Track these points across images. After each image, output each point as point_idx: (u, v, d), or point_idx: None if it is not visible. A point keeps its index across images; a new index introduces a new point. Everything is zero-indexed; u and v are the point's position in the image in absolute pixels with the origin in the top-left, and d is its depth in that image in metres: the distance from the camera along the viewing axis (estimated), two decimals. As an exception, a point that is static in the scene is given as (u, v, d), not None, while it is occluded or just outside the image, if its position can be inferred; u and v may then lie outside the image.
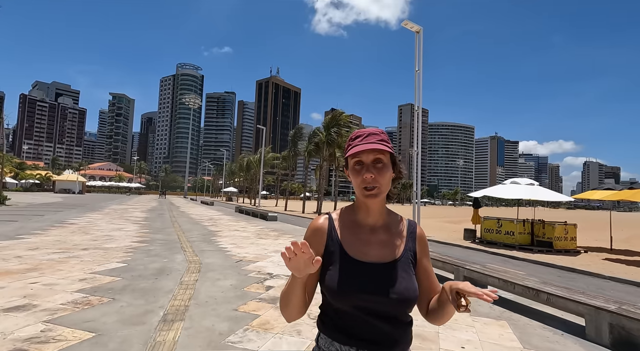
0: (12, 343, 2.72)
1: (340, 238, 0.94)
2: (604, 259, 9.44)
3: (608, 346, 3.12)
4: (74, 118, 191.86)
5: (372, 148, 0.89)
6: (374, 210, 0.95)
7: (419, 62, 15.46)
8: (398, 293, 0.87)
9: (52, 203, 24.98)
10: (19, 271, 4.96)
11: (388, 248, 0.94)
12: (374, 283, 0.87)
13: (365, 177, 0.89)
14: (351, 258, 0.90)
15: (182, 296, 4.19)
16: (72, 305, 3.65)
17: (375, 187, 0.90)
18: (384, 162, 0.91)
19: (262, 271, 5.73)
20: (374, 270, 0.89)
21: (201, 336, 3.05)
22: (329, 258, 0.92)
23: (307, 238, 0.97)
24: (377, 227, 0.96)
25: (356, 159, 0.92)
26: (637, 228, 25.84)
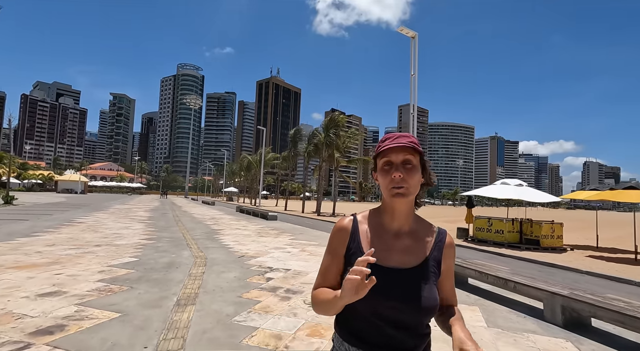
0: (53, 320, 3.23)
1: (362, 241, 0.93)
2: (587, 256, 9.93)
3: (560, 325, 3.62)
4: (75, 118, 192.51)
5: (402, 147, 0.88)
6: (401, 213, 0.92)
7: (414, 67, 15.96)
8: (415, 301, 0.85)
9: (57, 203, 25.50)
10: (43, 265, 5.47)
11: (411, 255, 0.91)
12: (390, 289, 0.85)
13: (394, 176, 0.87)
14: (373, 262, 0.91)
15: (192, 285, 4.70)
16: (97, 292, 4.17)
17: (403, 187, 0.87)
18: (413, 163, 0.89)
19: (262, 266, 6.24)
20: (393, 275, 0.87)
21: (211, 316, 3.55)
22: (349, 259, 0.91)
23: (331, 237, 0.98)
24: (402, 232, 0.94)
25: (385, 159, 0.90)
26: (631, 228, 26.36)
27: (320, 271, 0.98)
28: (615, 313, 3.19)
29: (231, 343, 2.93)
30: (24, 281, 4.49)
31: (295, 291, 4.64)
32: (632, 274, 7.18)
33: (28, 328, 3.01)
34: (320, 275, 0.97)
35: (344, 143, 27.11)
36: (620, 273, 7.30)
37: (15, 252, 6.35)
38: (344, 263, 0.94)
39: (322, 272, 0.97)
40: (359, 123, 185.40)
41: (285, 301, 4.19)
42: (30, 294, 3.97)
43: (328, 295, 0.87)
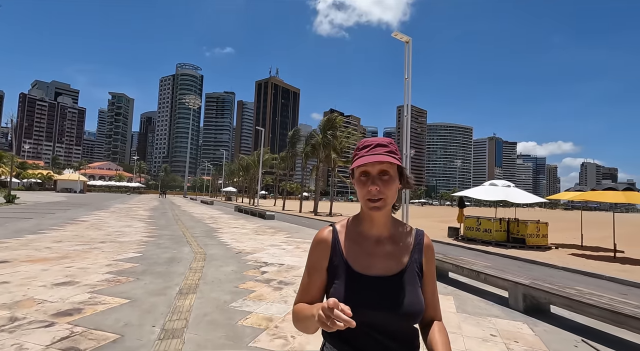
0: (70, 304, 3.65)
1: (344, 251, 0.92)
2: (570, 254, 10.39)
3: (522, 311, 4.07)
4: (74, 117, 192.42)
5: (379, 161, 0.87)
6: (379, 221, 0.93)
7: (409, 70, 16.40)
8: (403, 308, 0.85)
9: (58, 202, 25.84)
10: (54, 259, 5.88)
11: (393, 260, 0.91)
12: (378, 298, 0.85)
13: (370, 189, 0.87)
14: (355, 272, 0.88)
15: (193, 277, 5.12)
16: (106, 282, 4.59)
17: (380, 199, 0.87)
18: (390, 174, 0.88)
19: (258, 261, 6.66)
20: (378, 283, 0.88)
21: (210, 303, 3.98)
22: (333, 271, 0.91)
23: (311, 250, 0.96)
24: (382, 238, 0.94)
25: (362, 170, 0.89)
26: (620, 228, 26.89)
27: (301, 285, 0.96)
28: (565, 299, 3.64)
29: (228, 324, 3.36)
30: (39, 273, 4.91)
31: (287, 282, 5.07)
32: (605, 270, 7.64)
33: (49, 311, 3.43)
34: (302, 290, 0.95)
35: (341, 143, 27.55)
36: (594, 269, 7.76)
37: (26, 248, 6.76)
38: (326, 275, 0.92)
39: (304, 287, 0.95)
40: (357, 123, 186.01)
41: (278, 291, 4.62)
42: (47, 283, 4.39)
43: (306, 313, 0.85)
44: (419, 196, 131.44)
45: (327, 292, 0.92)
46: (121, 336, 2.94)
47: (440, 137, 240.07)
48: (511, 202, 12.08)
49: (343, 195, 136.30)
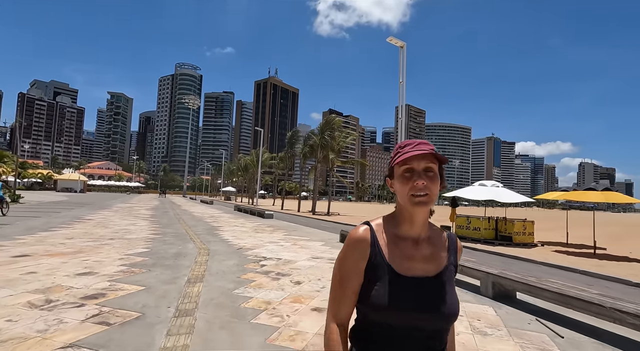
0: (94, 290, 4.18)
1: (384, 252, 0.89)
2: (553, 251, 10.96)
3: (491, 297, 4.61)
4: (72, 117, 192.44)
5: (425, 154, 0.86)
6: (419, 221, 0.90)
7: (403, 74, 16.94)
8: (445, 310, 0.85)
9: (60, 201, 26.30)
10: (70, 253, 6.40)
11: (432, 262, 0.91)
12: (423, 300, 0.84)
13: (417, 183, 0.85)
14: (397, 273, 0.87)
15: (198, 269, 5.65)
16: (122, 273, 5.11)
17: (426, 194, 0.85)
18: (434, 171, 0.87)
19: (258, 255, 7.20)
20: (421, 285, 0.86)
21: (216, 290, 4.51)
22: (373, 273, 0.88)
23: (347, 250, 0.92)
24: (420, 239, 0.92)
25: (406, 166, 0.87)
26: (612, 227, 27.54)
27: (337, 287, 0.92)
28: (525, 285, 4.19)
29: (232, 306, 3.89)
30: (60, 265, 5.43)
31: (284, 274, 5.61)
32: (581, 265, 8.21)
33: (78, 295, 3.96)
34: (339, 294, 0.91)
35: (339, 144, 28.10)
36: (572, 264, 8.32)
37: (42, 244, 7.28)
38: (367, 275, 0.89)
39: (341, 290, 0.90)
40: (356, 123, 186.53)
41: (275, 280, 5.16)
42: (70, 273, 4.91)
43: None
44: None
45: (367, 294, 0.87)
46: (142, 314, 3.48)
47: (438, 137, 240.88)
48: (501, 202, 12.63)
49: (342, 195, 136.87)
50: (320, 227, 15.90)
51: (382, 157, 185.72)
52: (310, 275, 5.63)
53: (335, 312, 0.91)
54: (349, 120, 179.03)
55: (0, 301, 3.64)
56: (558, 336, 3.36)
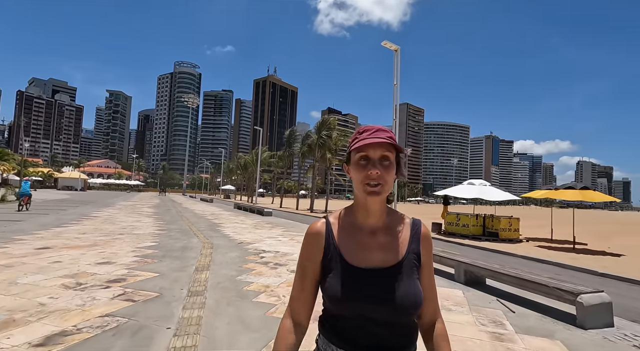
0: (115, 276, 4.80)
1: (338, 244, 0.89)
2: (536, 246, 11.61)
3: (463, 283, 5.25)
4: (71, 115, 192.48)
5: (381, 143, 0.84)
6: (374, 210, 0.88)
7: (397, 77, 17.54)
8: (400, 301, 0.82)
9: (64, 199, 26.87)
10: (86, 246, 7.02)
11: (389, 252, 0.88)
12: (375, 291, 0.83)
13: (371, 172, 0.83)
14: (350, 265, 0.86)
15: (204, 260, 6.28)
16: (136, 263, 5.73)
17: (379, 184, 0.83)
18: (390, 160, 0.85)
19: (257, 249, 7.82)
20: (374, 276, 0.84)
21: (221, 276, 5.14)
22: (328, 265, 0.88)
23: (304, 245, 0.93)
24: (377, 228, 0.90)
25: (362, 154, 0.85)
26: (600, 225, 28.29)
27: (295, 280, 0.94)
28: (490, 271, 4.83)
29: (236, 289, 4.52)
30: (80, 256, 6.05)
31: (282, 264, 6.24)
32: (558, 258, 8.86)
33: (102, 279, 4.59)
34: (297, 285, 0.93)
35: (336, 143, 28.70)
36: (549, 257, 8.97)
37: (59, 238, 7.89)
38: (323, 268, 0.89)
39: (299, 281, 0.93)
40: (355, 122, 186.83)
41: (274, 269, 5.79)
42: (91, 263, 5.53)
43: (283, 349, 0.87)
44: (415, 194, 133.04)
45: (322, 286, 0.89)
46: (160, 294, 4.10)
47: (437, 136, 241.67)
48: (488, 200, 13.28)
49: (341, 193, 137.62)
50: (317, 224, 16.53)
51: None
52: (305, 265, 6.26)
53: (290, 308, 0.92)
54: (347, 119, 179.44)
55: (39, 283, 4.26)
56: (510, 312, 4.00)
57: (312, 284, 0.92)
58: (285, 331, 0.90)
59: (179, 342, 2.83)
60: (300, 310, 0.92)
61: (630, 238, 16.44)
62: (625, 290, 6.15)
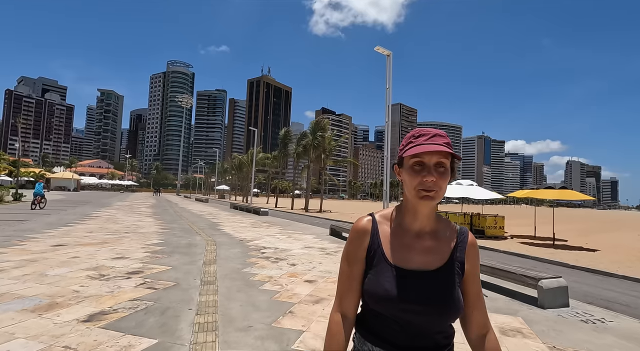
0: (133, 268, 5.31)
1: (383, 243, 0.90)
2: (519, 242, 12.33)
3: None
4: (62, 114, 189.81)
5: (439, 151, 0.83)
6: (423, 214, 0.89)
7: (389, 81, 18.18)
8: (440, 305, 0.83)
9: (60, 200, 26.96)
10: (97, 243, 7.48)
11: (433, 255, 0.88)
12: (414, 292, 0.83)
13: (427, 179, 0.83)
14: (391, 264, 0.87)
15: (210, 255, 6.80)
16: (149, 258, 6.23)
17: (433, 191, 0.83)
18: (446, 167, 0.85)
19: (258, 246, 8.36)
20: (415, 277, 0.85)
21: (228, 268, 5.67)
22: (370, 262, 0.89)
23: (349, 241, 0.94)
24: (423, 232, 0.90)
25: (417, 159, 0.85)
26: (588, 223, 29.38)
27: (341, 275, 0.94)
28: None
29: (243, 278, 5.06)
30: (95, 252, 6.52)
31: (282, 259, 6.79)
32: (537, 253, 9.55)
33: (122, 271, 5.09)
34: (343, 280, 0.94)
35: (329, 144, 29.31)
36: (529, 252, 9.66)
37: (69, 236, 8.32)
38: (365, 266, 0.90)
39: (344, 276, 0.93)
40: (348, 122, 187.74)
41: (275, 263, 6.34)
42: (107, 258, 6.02)
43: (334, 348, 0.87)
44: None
45: (363, 282, 0.89)
46: (177, 283, 4.63)
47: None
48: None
49: (334, 193, 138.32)
50: (313, 223, 17.10)
51: (374, 155, 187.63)
52: (303, 259, 6.83)
53: (339, 302, 0.92)
54: (341, 119, 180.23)
55: (66, 275, 4.75)
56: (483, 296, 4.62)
57: (358, 279, 0.91)
58: (335, 324, 0.91)
59: (202, 319, 3.37)
60: (348, 304, 0.91)
61: (608, 235, 17.34)
62: (589, 278, 6.85)
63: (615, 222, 34.90)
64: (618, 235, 18.06)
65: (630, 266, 8.12)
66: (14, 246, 6.72)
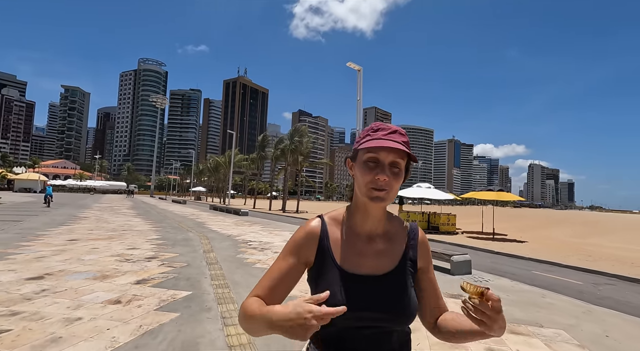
0: (148, 255, 6.67)
1: (332, 247, 0.86)
2: (467, 237, 14.54)
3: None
4: (21, 111, 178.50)
5: (396, 148, 0.79)
6: (374, 215, 0.86)
7: (360, 93, 20.10)
8: (394, 309, 0.81)
9: (33, 202, 26.68)
10: (105, 239, 8.65)
11: (385, 258, 0.86)
12: (367, 298, 0.80)
13: (379, 177, 0.79)
14: (343, 270, 0.83)
15: (207, 246, 8.21)
16: (156, 248, 7.57)
17: (384, 190, 0.79)
18: (400, 167, 0.82)
19: (244, 239, 9.83)
20: (367, 283, 0.82)
21: (224, 255, 7.15)
22: (319, 268, 0.85)
23: (294, 240, 0.88)
24: (374, 234, 0.87)
25: (371, 155, 0.81)
26: (531, 221, 32.90)
27: (269, 275, 0.85)
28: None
29: (238, 261, 6.58)
30: (107, 245, 7.75)
31: (266, 248, 8.33)
32: (476, 244, 11.69)
33: (141, 257, 6.44)
34: (268, 281, 0.83)
35: (307, 148, 30.98)
36: (470, 243, 11.78)
37: (74, 233, 9.38)
38: (311, 271, 0.87)
39: (273, 277, 0.84)
40: (325, 124, 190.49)
41: (261, 251, 7.88)
42: (122, 248, 7.31)
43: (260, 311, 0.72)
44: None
45: (313, 292, 0.84)
46: (188, 264, 6.07)
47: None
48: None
49: (311, 195, 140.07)
50: (290, 222, 18.64)
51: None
52: (284, 249, 8.40)
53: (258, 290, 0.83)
54: (318, 121, 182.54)
55: (99, 260, 6.06)
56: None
57: (292, 278, 0.84)
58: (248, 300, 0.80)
59: (216, 282, 4.89)
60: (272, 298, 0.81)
61: (545, 231, 20.22)
62: (502, 260, 8.95)
63: (561, 220, 39.10)
64: (553, 231, 21.04)
65: (541, 252, 10.37)
66: (35, 240, 7.80)
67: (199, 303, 3.92)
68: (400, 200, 18.37)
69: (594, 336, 3.50)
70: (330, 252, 0.86)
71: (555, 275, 7.25)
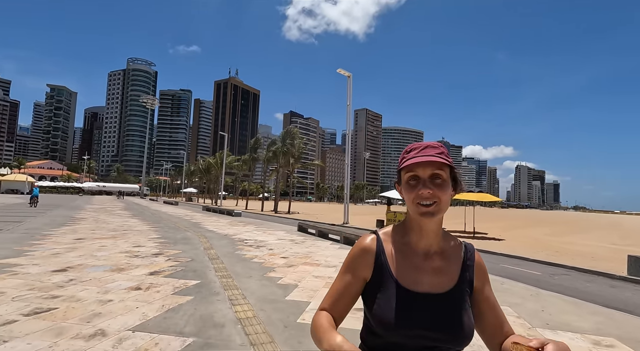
0: (154, 252, 7.29)
1: (390, 264, 0.87)
2: (449, 235, 15.47)
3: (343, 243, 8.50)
4: (5, 110, 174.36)
5: (430, 161, 0.81)
6: (429, 231, 0.86)
7: (350, 98, 20.96)
8: (451, 329, 0.81)
9: (23, 204, 26.67)
10: (110, 238, 9.20)
11: (443, 277, 0.86)
12: (425, 316, 0.81)
13: (422, 192, 0.80)
14: (403, 288, 0.84)
15: (206, 244, 8.85)
16: (160, 246, 8.18)
17: (433, 203, 0.81)
18: (443, 178, 0.82)
19: (241, 238, 10.48)
20: (427, 301, 0.83)
21: (224, 251, 7.82)
22: (376, 285, 0.86)
23: (351, 257, 0.90)
24: (432, 251, 0.87)
25: (411, 173, 0.84)
26: (514, 221, 34.28)
27: (332, 290, 0.90)
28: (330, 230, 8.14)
29: (238, 256, 7.25)
30: (114, 243, 8.32)
31: (262, 246, 9.01)
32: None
33: (149, 253, 7.07)
34: (334, 294, 0.89)
35: (298, 150, 31.68)
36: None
37: (77, 233, 9.88)
38: (371, 287, 0.87)
39: (337, 291, 0.89)
40: (316, 125, 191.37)
41: (257, 248, 8.56)
42: (128, 246, 7.90)
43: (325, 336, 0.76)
44: (374, 196, 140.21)
45: (369, 307, 0.86)
46: (192, 259, 6.73)
47: (394, 140, 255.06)
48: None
49: (302, 196, 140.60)
50: (283, 222, 19.31)
51: (341, 158, 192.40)
52: (278, 246, 9.10)
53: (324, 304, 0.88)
54: (309, 123, 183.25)
55: (110, 256, 6.66)
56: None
57: (351, 297, 0.88)
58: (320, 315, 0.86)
59: (220, 273, 5.58)
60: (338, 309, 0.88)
61: (524, 230, 21.37)
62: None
63: (543, 220, 40.71)
64: (533, 230, 22.21)
65: (515, 248, 11.32)
66: (45, 239, 8.33)
67: (208, 289, 4.61)
68: (388, 201, 19.21)
69: (532, 311, 4.32)
70: (388, 268, 0.87)
71: (521, 268, 8.14)
